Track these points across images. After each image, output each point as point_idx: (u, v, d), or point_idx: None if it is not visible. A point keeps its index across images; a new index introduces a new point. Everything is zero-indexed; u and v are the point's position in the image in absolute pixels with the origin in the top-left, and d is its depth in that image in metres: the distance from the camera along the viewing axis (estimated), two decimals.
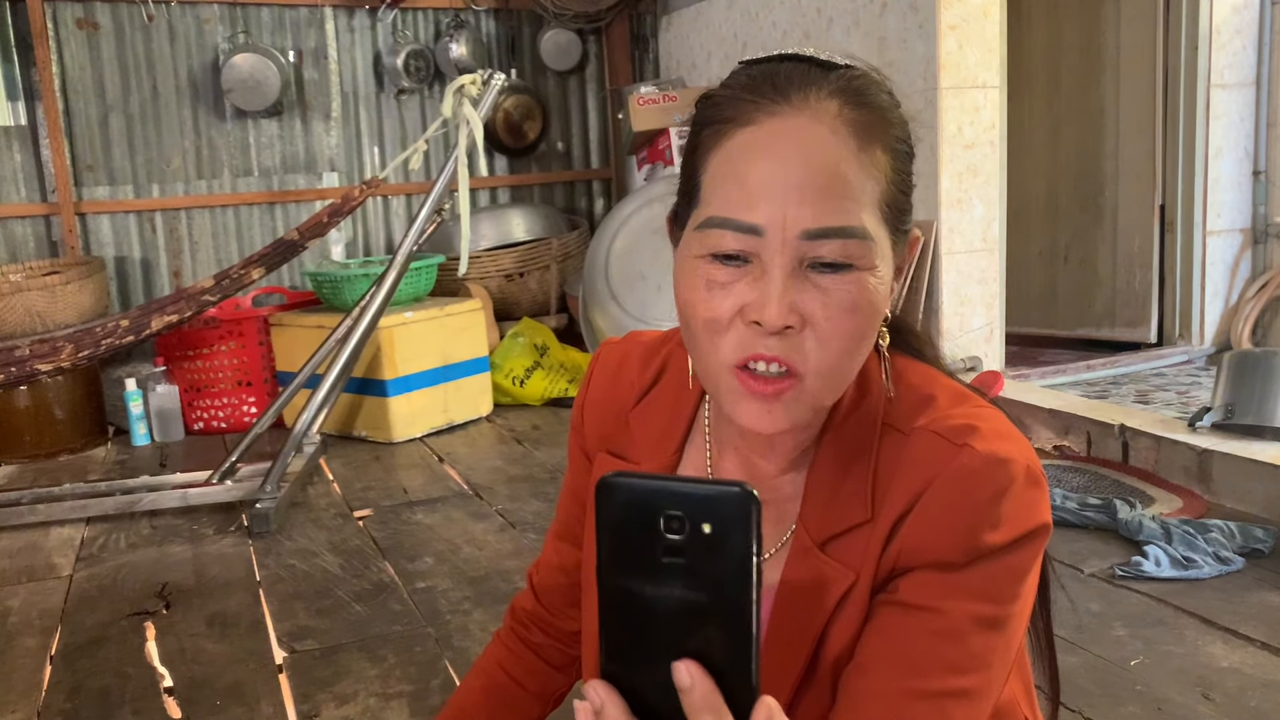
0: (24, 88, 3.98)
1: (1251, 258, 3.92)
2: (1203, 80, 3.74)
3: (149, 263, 4.23)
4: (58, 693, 1.91)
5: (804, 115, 0.69)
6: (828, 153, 0.68)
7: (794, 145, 0.68)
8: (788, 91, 0.70)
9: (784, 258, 0.68)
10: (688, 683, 0.52)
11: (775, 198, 0.68)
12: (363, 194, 3.13)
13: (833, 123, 0.69)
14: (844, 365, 0.71)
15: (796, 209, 0.68)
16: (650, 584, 0.52)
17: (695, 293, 0.71)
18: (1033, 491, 0.73)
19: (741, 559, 0.51)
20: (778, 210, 0.68)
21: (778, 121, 0.69)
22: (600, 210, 5.05)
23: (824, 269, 0.69)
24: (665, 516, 0.52)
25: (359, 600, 2.26)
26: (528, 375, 3.93)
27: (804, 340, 0.69)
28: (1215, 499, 2.56)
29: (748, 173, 0.69)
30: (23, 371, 2.69)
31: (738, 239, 0.69)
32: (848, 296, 0.69)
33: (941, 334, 3.44)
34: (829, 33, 3.74)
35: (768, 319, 0.68)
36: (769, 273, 0.68)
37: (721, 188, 0.70)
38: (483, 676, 1.03)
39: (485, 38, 4.69)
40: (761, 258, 0.69)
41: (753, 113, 0.70)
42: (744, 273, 0.70)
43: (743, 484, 0.51)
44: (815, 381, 0.71)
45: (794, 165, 0.68)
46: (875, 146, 0.70)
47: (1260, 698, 1.69)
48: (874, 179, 0.70)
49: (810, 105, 0.69)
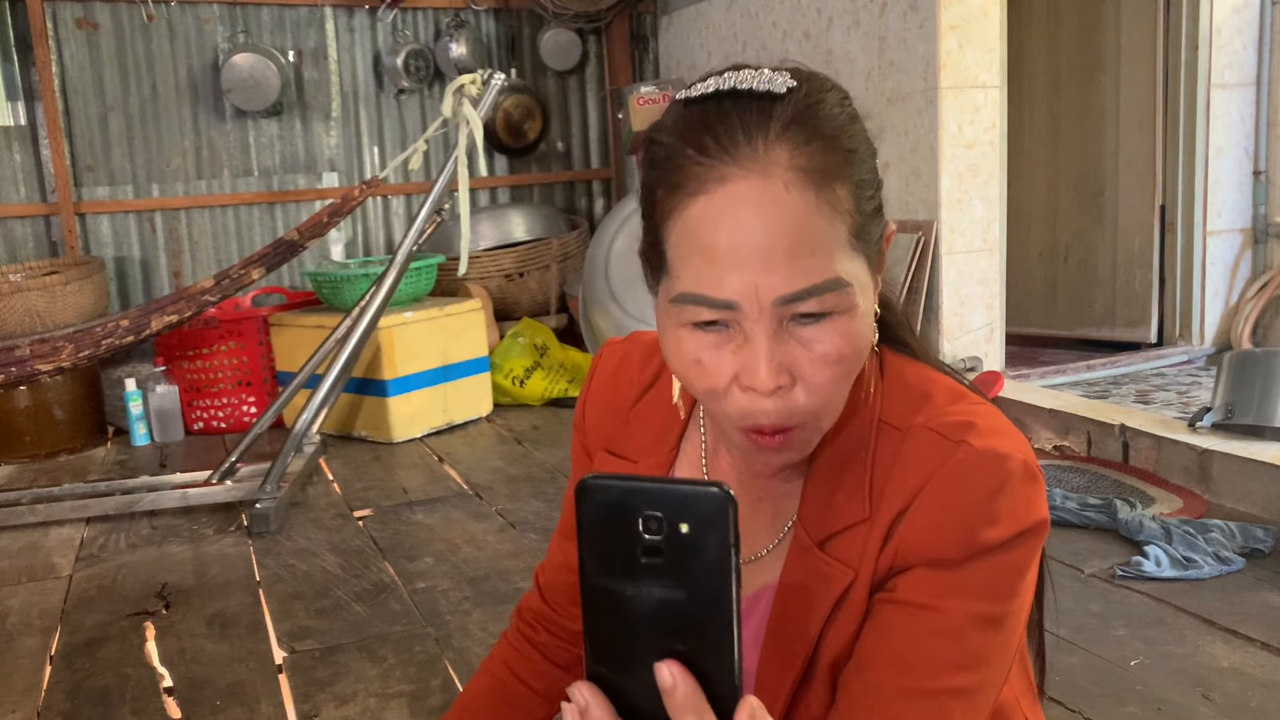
0: (24, 88, 3.98)
1: (1251, 258, 3.92)
2: (1203, 80, 3.74)
3: (149, 263, 4.24)
4: (58, 693, 1.91)
5: (754, 175, 0.67)
6: (786, 213, 0.66)
7: (751, 211, 0.66)
8: (733, 149, 0.67)
9: (764, 325, 0.68)
10: (670, 683, 0.52)
11: (743, 269, 0.67)
12: (363, 194, 3.13)
13: (785, 176, 0.67)
14: (837, 400, 0.73)
15: (767, 278, 0.67)
16: (631, 585, 0.53)
17: (686, 366, 0.72)
18: (1030, 487, 0.73)
19: (720, 558, 0.51)
20: (748, 282, 0.67)
21: (730, 188, 0.67)
22: (600, 210, 5.05)
23: (805, 320, 0.69)
24: (644, 517, 0.52)
25: (359, 600, 2.26)
26: (528, 375, 3.93)
27: (796, 396, 0.70)
28: (1215, 499, 2.56)
29: (711, 247, 0.67)
30: (23, 371, 2.69)
31: (714, 313, 0.69)
32: (832, 346, 0.69)
33: (941, 334, 3.44)
34: (829, 33, 3.74)
35: (759, 384, 0.69)
36: (752, 340, 0.69)
37: (688, 263, 0.69)
38: (488, 676, 1.03)
39: (485, 37, 4.69)
40: (742, 325, 0.69)
41: (704, 179, 0.68)
42: (728, 338, 0.70)
43: (720, 484, 0.52)
44: (815, 423, 0.73)
45: (755, 233, 0.66)
46: (833, 185, 0.68)
47: (1260, 698, 1.69)
48: (838, 220, 0.68)
49: (759, 160, 0.67)
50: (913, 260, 3.42)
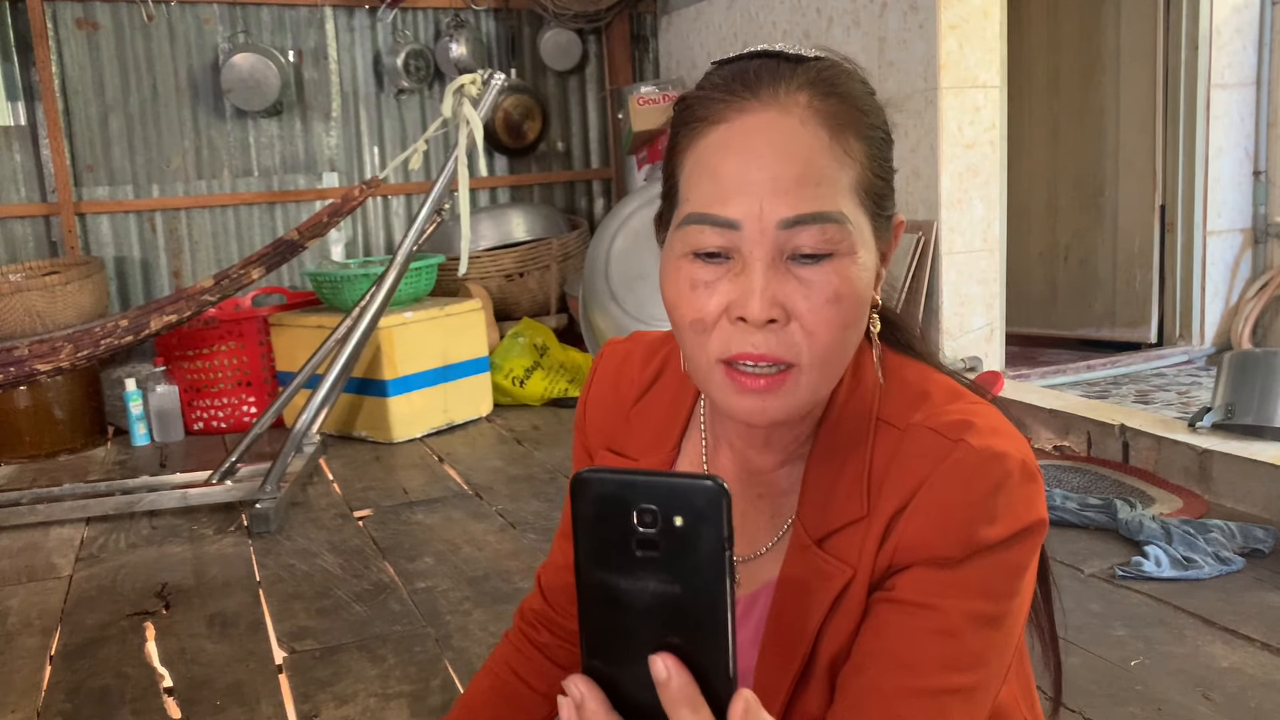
0: (24, 88, 3.98)
1: (1251, 258, 3.92)
2: (1203, 80, 3.74)
3: (149, 263, 4.24)
4: (58, 693, 1.91)
5: (773, 109, 0.70)
6: (798, 143, 0.69)
7: (765, 138, 0.69)
8: (756, 88, 0.71)
9: (763, 250, 0.69)
10: (664, 676, 0.52)
11: (750, 191, 0.69)
12: (363, 194, 3.13)
13: (802, 114, 0.70)
14: (835, 353, 0.72)
15: (772, 200, 0.68)
16: (626, 578, 0.53)
17: (680, 293, 0.72)
18: (1029, 487, 0.73)
19: (714, 551, 0.52)
20: (753, 203, 0.69)
21: (748, 117, 0.70)
22: (600, 210, 5.05)
23: (805, 260, 0.69)
24: (638, 510, 0.52)
25: (359, 600, 2.26)
26: (528, 375, 3.93)
27: (791, 333, 0.70)
28: (1215, 499, 2.56)
29: (721, 169, 0.70)
30: (22, 371, 2.69)
31: (716, 234, 0.70)
32: (830, 286, 0.69)
33: (941, 334, 3.44)
34: (829, 33, 3.74)
35: (751, 313, 0.68)
36: (749, 267, 0.69)
37: (697, 185, 0.71)
38: (490, 676, 1.03)
39: (485, 37, 4.69)
40: (741, 252, 0.70)
41: (723, 111, 0.71)
42: (726, 269, 0.70)
43: (714, 477, 0.52)
44: (809, 372, 0.71)
45: (766, 158, 0.69)
46: (848, 134, 0.71)
47: (1260, 698, 1.69)
48: (849, 166, 0.71)
49: (779, 99, 0.70)
50: (913, 260, 3.42)
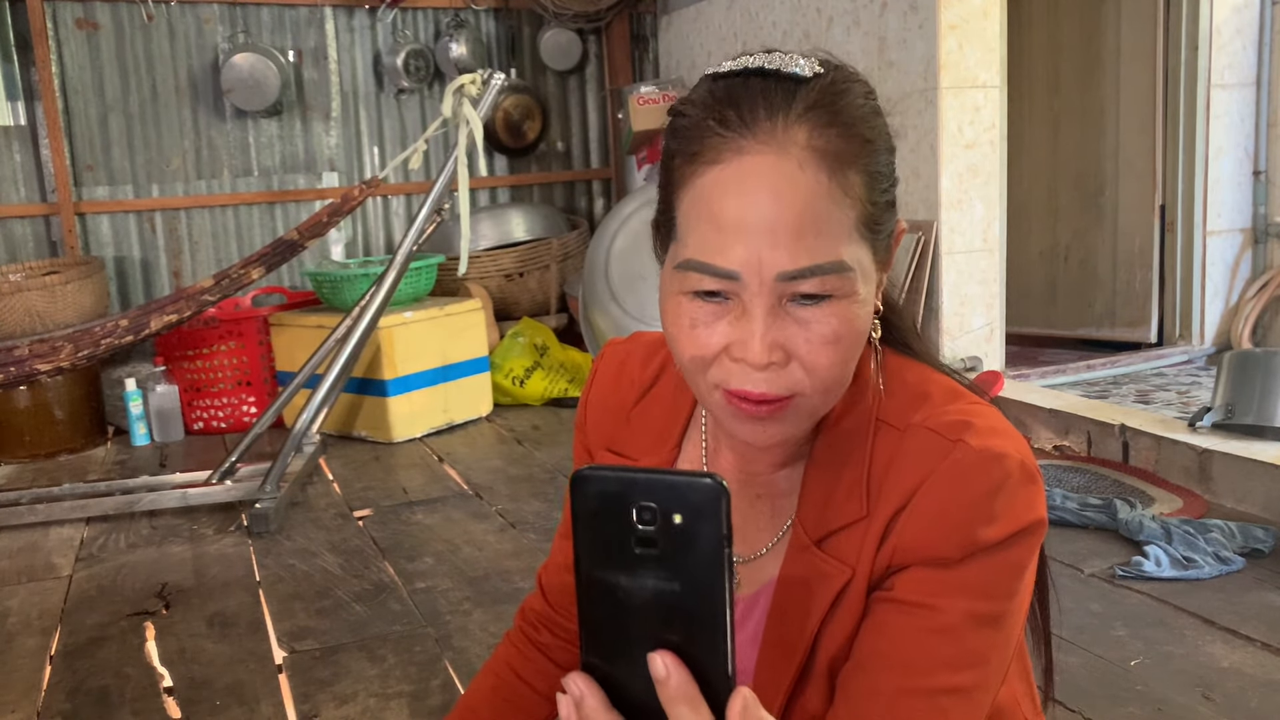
0: (24, 88, 3.98)
1: (1251, 258, 3.92)
2: (1203, 80, 3.74)
3: (149, 263, 4.23)
4: (58, 693, 1.91)
5: (770, 150, 0.68)
6: (798, 191, 0.67)
7: (763, 185, 0.67)
8: (753, 123, 0.68)
9: (763, 299, 0.68)
10: (663, 673, 0.52)
11: (749, 241, 0.67)
12: (362, 194, 3.13)
13: (801, 155, 0.68)
14: (836, 382, 0.72)
15: (771, 252, 0.67)
16: (625, 575, 0.53)
17: (680, 330, 0.72)
18: (1028, 487, 0.73)
19: (713, 549, 0.52)
20: (752, 254, 0.68)
21: (745, 160, 0.68)
22: (600, 210, 5.05)
23: (805, 300, 0.69)
24: (638, 508, 0.52)
25: (359, 600, 2.26)
26: (528, 375, 3.93)
27: (791, 371, 0.70)
28: (1215, 499, 2.56)
29: (719, 215, 0.68)
30: (22, 371, 2.69)
31: (715, 282, 0.69)
32: (829, 328, 0.69)
33: (941, 334, 3.44)
34: (829, 33, 3.74)
35: (751, 358, 0.69)
36: (749, 312, 0.69)
37: (696, 229, 0.70)
38: (491, 677, 1.04)
39: (485, 37, 4.69)
40: (741, 298, 0.69)
41: (720, 149, 0.69)
42: (725, 309, 0.70)
43: (713, 475, 0.52)
44: (810, 399, 0.72)
45: (765, 207, 0.67)
46: (848, 171, 0.69)
47: (1260, 698, 1.69)
48: (848, 205, 0.69)
49: (777, 137, 0.68)
50: (913, 260, 3.42)
